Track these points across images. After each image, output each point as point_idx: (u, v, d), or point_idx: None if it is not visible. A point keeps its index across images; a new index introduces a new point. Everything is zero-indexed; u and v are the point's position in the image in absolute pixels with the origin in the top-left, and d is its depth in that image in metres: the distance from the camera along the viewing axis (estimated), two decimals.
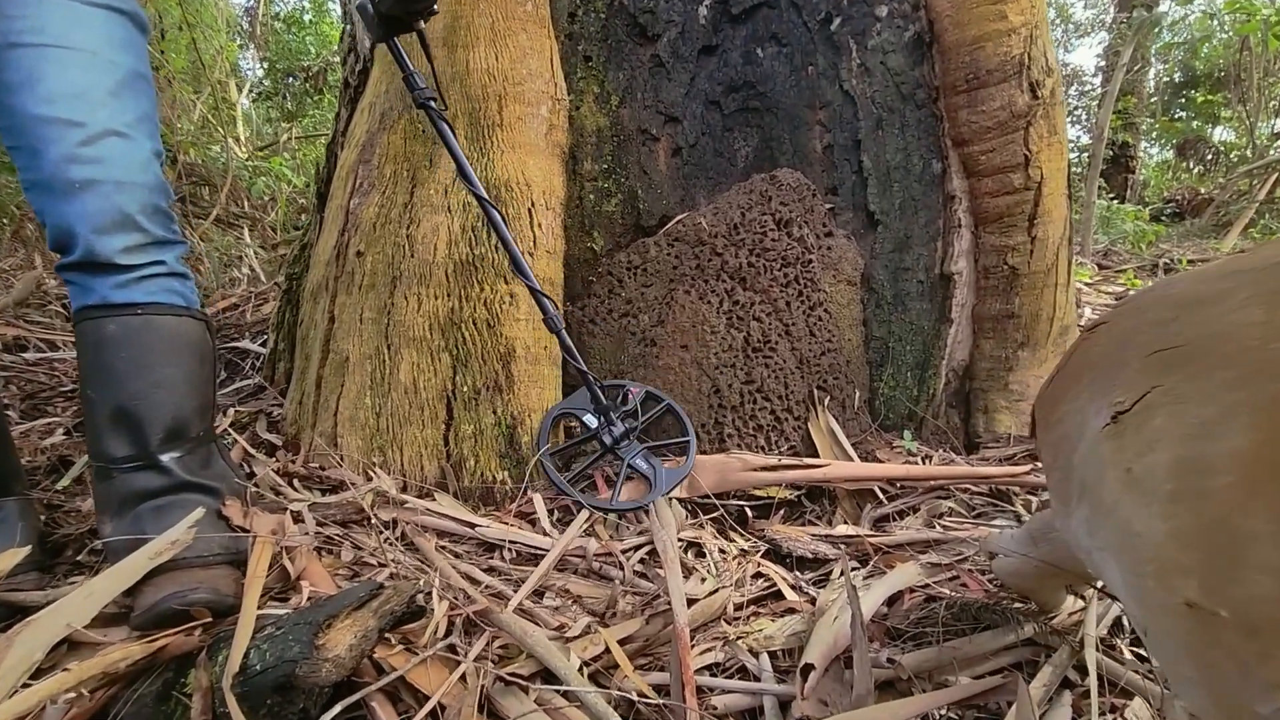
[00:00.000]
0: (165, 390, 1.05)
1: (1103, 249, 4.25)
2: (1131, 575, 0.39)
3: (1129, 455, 0.40)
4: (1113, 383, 0.45)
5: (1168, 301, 0.45)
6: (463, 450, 1.41)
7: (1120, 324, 0.49)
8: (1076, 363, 0.53)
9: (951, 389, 1.80)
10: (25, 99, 0.94)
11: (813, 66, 1.75)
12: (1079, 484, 0.47)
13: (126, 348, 1.01)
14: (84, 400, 1.02)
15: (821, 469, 1.46)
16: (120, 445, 1.02)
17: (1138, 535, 0.38)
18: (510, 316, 1.46)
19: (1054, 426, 0.53)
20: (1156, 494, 0.37)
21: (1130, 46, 4.46)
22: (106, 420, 1.01)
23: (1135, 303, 0.49)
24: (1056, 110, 1.64)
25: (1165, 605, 0.35)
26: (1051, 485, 0.55)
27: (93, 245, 0.97)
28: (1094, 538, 0.45)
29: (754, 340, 1.59)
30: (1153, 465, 0.38)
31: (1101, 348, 0.50)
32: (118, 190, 0.99)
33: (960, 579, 1.23)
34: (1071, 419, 0.50)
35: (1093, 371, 0.49)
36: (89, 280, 0.99)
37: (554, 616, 1.11)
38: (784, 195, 1.68)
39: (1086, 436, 0.47)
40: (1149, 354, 0.42)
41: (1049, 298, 1.71)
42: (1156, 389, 0.40)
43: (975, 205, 1.72)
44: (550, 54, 1.58)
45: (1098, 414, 0.45)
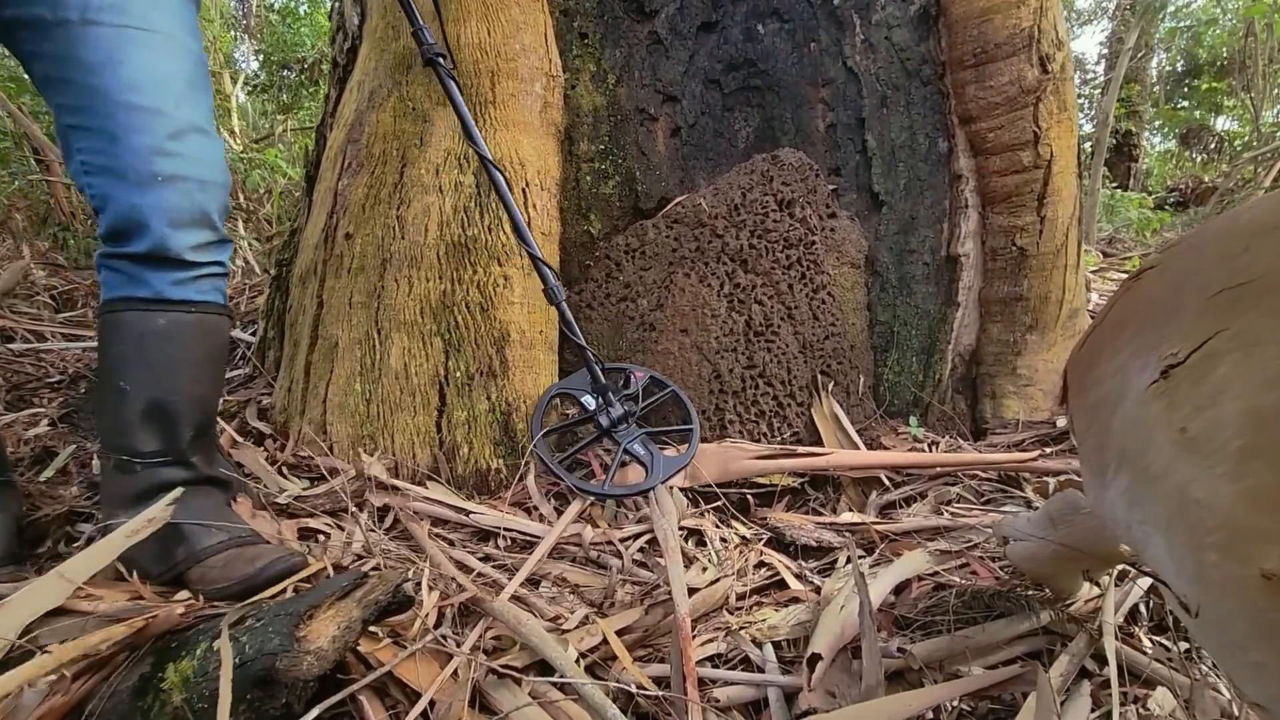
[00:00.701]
0: (201, 387, 1.05)
1: (1107, 236, 4.20)
2: (1187, 549, 0.35)
3: (1184, 413, 0.36)
4: (1162, 334, 0.41)
5: (1236, 232, 0.40)
6: (455, 437, 1.37)
7: (1174, 265, 0.44)
8: (1118, 315, 0.48)
9: (958, 374, 1.75)
10: (108, 81, 0.90)
11: (815, 43, 1.70)
12: (1118, 452, 0.43)
13: (173, 344, 1.00)
14: (112, 392, 0.98)
15: (824, 457, 1.42)
16: (151, 440, 1.00)
17: (1196, 502, 0.34)
18: (504, 299, 1.42)
19: (1089, 389, 0.49)
20: (1222, 453, 0.33)
21: (1135, 31, 4.40)
22: (139, 414, 0.99)
23: (1192, 240, 0.45)
24: (1067, 85, 1.59)
25: (1234, 579, 0.31)
26: (1084, 455, 0.50)
27: (166, 240, 0.96)
28: (1135, 511, 0.41)
29: (756, 324, 1.55)
30: (1217, 421, 0.33)
31: (1149, 295, 0.45)
32: (201, 189, 0.98)
33: (970, 566, 1.19)
34: (1110, 379, 0.45)
35: (1138, 323, 0.45)
36: (146, 273, 0.97)
37: (550, 606, 1.07)
38: (786, 175, 1.63)
39: (1129, 397, 0.42)
40: (1211, 295, 0.38)
41: (1058, 279, 1.67)
42: (1221, 334, 0.36)
43: (983, 185, 1.67)
44: (545, 29, 1.53)
45: (1142, 371, 0.41)
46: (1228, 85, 6.50)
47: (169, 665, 0.81)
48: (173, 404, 1.01)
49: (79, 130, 0.93)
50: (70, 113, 0.93)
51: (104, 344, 0.99)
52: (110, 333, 0.99)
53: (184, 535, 1.01)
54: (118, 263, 0.97)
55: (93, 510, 1.31)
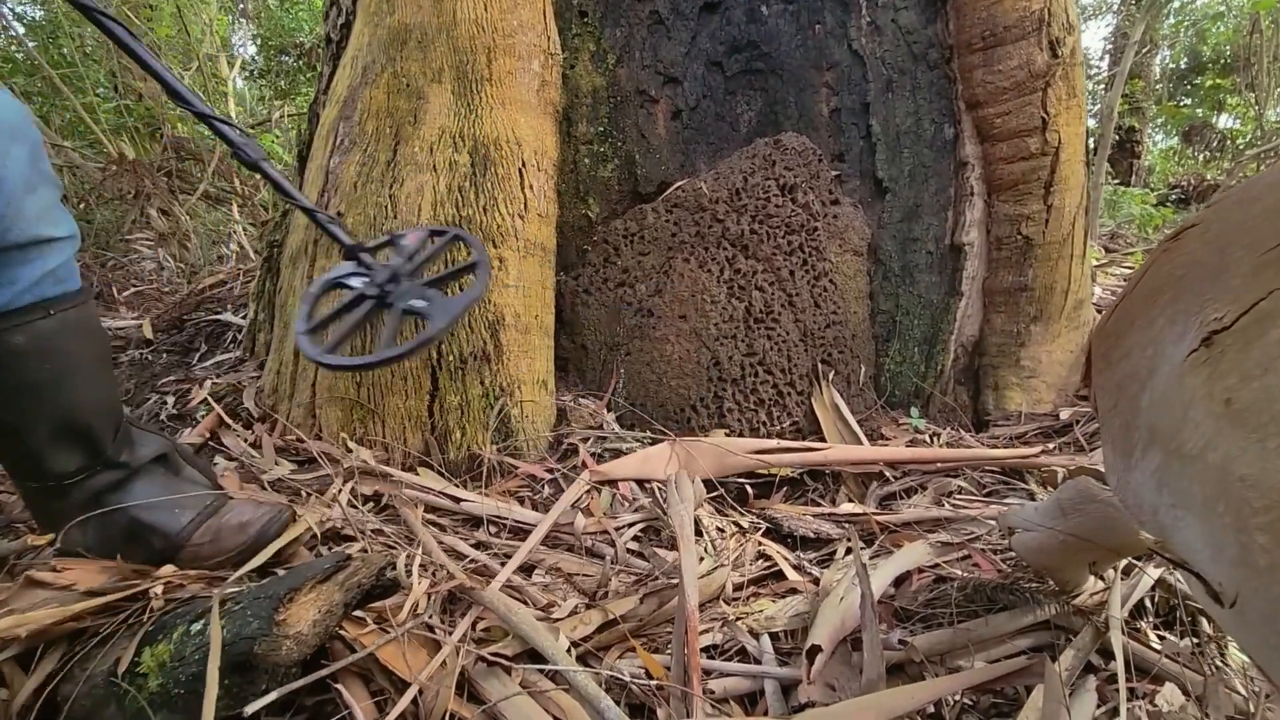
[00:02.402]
0: (101, 389, 0.93)
1: (1109, 232, 4.17)
2: (1230, 530, 0.32)
3: (1230, 383, 0.33)
4: (1204, 296, 0.38)
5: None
6: (448, 422, 1.34)
7: (1218, 222, 0.41)
8: (1151, 282, 0.45)
9: (960, 365, 1.72)
10: None
11: (820, 25, 1.67)
12: (1147, 430, 0.40)
13: (46, 358, 0.85)
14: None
15: (822, 452, 1.39)
16: (72, 459, 0.90)
17: (1242, 480, 0.31)
18: (499, 282, 1.39)
19: (1116, 364, 0.46)
20: (1276, 425, 0.30)
21: (1140, 26, 4.36)
22: (46, 440, 0.87)
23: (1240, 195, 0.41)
24: (1076, 71, 1.56)
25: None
26: (1108, 436, 0.47)
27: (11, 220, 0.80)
28: (1165, 492, 0.38)
29: (756, 311, 1.52)
30: (1271, 390, 0.30)
31: (1189, 257, 0.42)
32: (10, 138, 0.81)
33: (972, 559, 1.16)
34: (1140, 352, 0.42)
35: (1175, 288, 0.41)
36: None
37: (543, 594, 1.05)
38: (788, 160, 1.60)
39: (1160, 371, 0.39)
40: (1265, 251, 0.35)
41: (1064, 269, 1.64)
42: (1276, 293, 0.32)
43: (989, 172, 1.64)
44: (543, 6, 1.50)
45: (1180, 340, 0.38)
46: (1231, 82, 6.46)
47: (145, 649, 0.78)
48: (74, 416, 0.89)
49: None
50: None
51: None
52: None
53: (152, 527, 0.96)
54: None
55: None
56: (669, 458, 1.34)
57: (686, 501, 1.17)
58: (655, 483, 1.35)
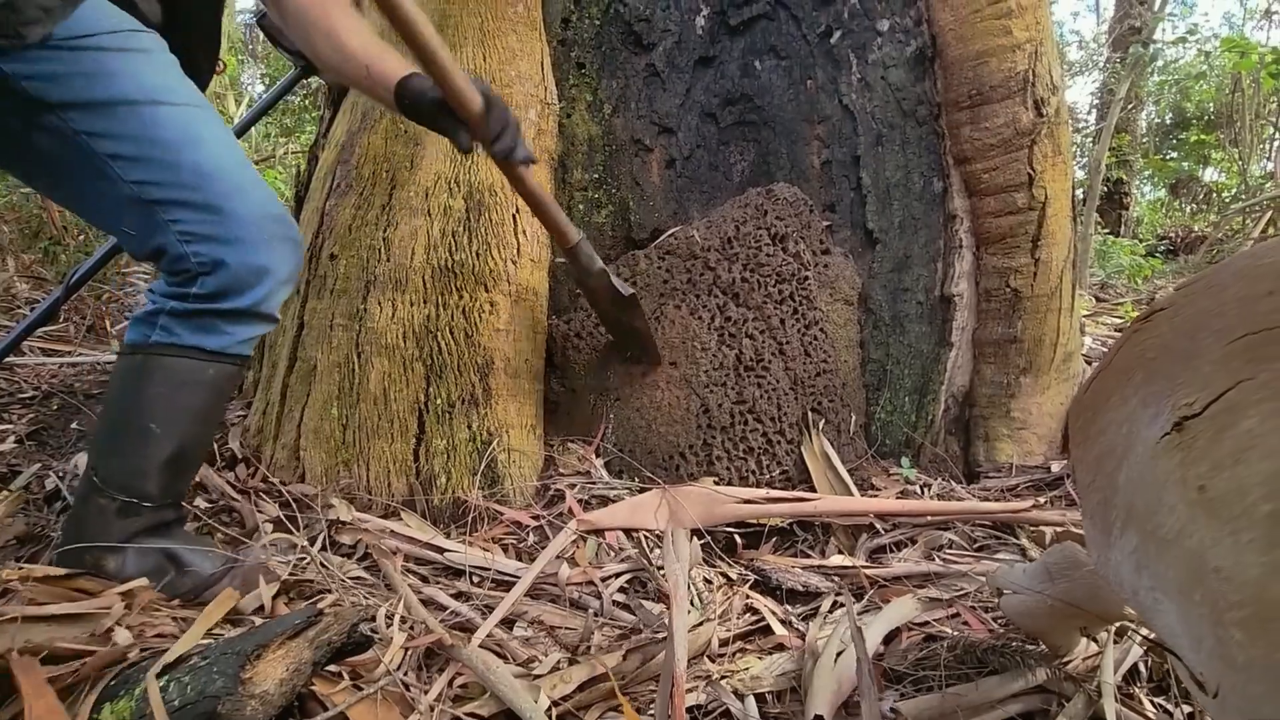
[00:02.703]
0: (211, 436, 1.14)
1: (1099, 282, 4.23)
2: (1206, 622, 0.31)
3: (1202, 470, 0.33)
4: (1175, 380, 0.38)
5: (1260, 273, 0.37)
6: (433, 466, 1.33)
7: (1188, 307, 0.41)
8: (1124, 360, 0.45)
9: (951, 415, 1.72)
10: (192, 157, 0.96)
11: (812, 80, 1.71)
12: (1124, 509, 0.39)
13: (210, 394, 1.03)
14: (135, 431, 0.99)
15: (812, 503, 1.38)
16: (166, 486, 1.02)
17: (1216, 571, 0.30)
18: (490, 326, 1.39)
19: (1093, 439, 0.46)
20: (1248, 518, 0.29)
21: (1126, 83, 4.49)
22: (162, 460, 1.00)
23: (1209, 280, 0.42)
24: (1061, 129, 1.60)
25: (1264, 663, 0.27)
26: (1087, 510, 0.47)
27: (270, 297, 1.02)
28: (1143, 575, 0.38)
29: (746, 358, 1.52)
30: (1242, 481, 0.30)
31: (1161, 338, 0.42)
32: (297, 247, 1.06)
33: (962, 617, 1.14)
34: (1116, 430, 0.42)
35: (1147, 369, 0.41)
36: (229, 326, 1.00)
37: (524, 649, 1.02)
38: (780, 210, 1.62)
39: (1136, 451, 0.39)
40: (1232, 340, 0.35)
41: (1052, 322, 1.65)
42: (1245, 383, 0.32)
43: (977, 225, 1.67)
44: (541, 57, 1.53)
45: (1153, 421, 0.38)
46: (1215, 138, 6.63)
47: (105, 705, 0.76)
48: (192, 452, 1.05)
49: (173, 205, 0.96)
50: (157, 188, 0.96)
51: (135, 382, 0.99)
52: (148, 374, 0.99)
53: (185, 566, 1.03)
54: (201, 316, 0.99)
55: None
56: (658, 507, 1.33)
57: (682, 560, 1.15)
58: (643, 532, 1.33)
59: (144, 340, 1.00)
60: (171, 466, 1.01)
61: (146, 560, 1.01)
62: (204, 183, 0.96)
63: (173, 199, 0.96)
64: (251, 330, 1.04)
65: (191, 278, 0.98)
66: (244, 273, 0.98)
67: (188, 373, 1.00)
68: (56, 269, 3.41)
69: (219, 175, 0.97)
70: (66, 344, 2.56)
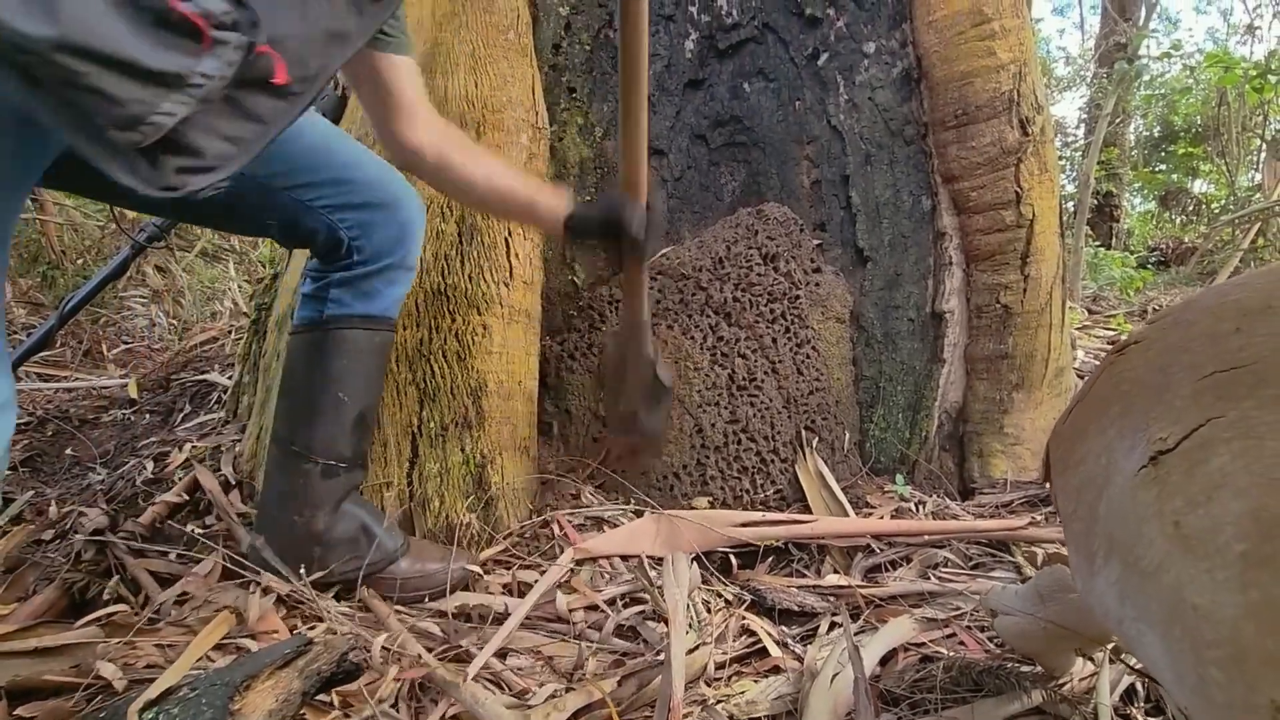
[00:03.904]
0: (379, 397, 1.24)
1: (1092, 294, 4.25)
2: (1188, 659, 0.31)
3: (1177, 505, 0.33)
4: (1149, 414, 0.38)
5: (1225, 310, 0.37)
6: (426, 490, 1.32)
7: (1159, 341, 0.42)
8: (1101, 391, 0.46)
9: (944, 431, 1.73)
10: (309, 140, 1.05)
11: (800, 102, 1.73)
12: (1105, 539, 0.40)
13: (379, 358, 1.17)
14: (330, 403, 1.10)
15: (810, 525, 1.38)
16: (355, 446, 1.14)
17: (1195, 608, 0.31)
18: (483, 349, 1.39)
19: (1073, 469, 0.46)
20: (1223, 557, 0.29)
21: (1112, 99, 4.55)
22: (351, 424, 1.12)
23: (1178, 315, 0.42)
24: (1047, 148, 1.62)
25: (1242, 703, 0.27)
26: (1070, 538, 0.47)
27: (412, 250, 1.15)
28: (1127, 605, 0.38)
29: (739, 378, 1.52)
30: (1215, 519, 0.30)
31: (1134, 371, 0.43)
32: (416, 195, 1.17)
33: (958, 637, 1.14)
34: (1095, 459, 0.43)
35: (1123, 401, 0.42)
36: (382, 288, 1.12)
37: (518, 678, 1.01)
38: (770, 230, 1.63)
39: (1115, 481, 0.39)
40: (1202, 377, 0.35)
41: (1043, 338, 1.66)
42: (1215, 421, 0.33)
43: (966, 242, 1.68)
44: (532, 82, 1.55)
45: (1130, 453, 0.38)
46: (1203, 150, 6.70)
47: None
48: (371, 413, 1.18)
49: (302, 188, 1.05)
50: (284, 176, 1.04)
51: (323, 357, 1.11)
52: (334, 347, 1.11)
53: (375, 536, 1.15)
54: (365, 280, 1.11)
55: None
56: (655, 533, 1.32)
57: (682, 585, 1.14)
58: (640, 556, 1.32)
59: (319, 316, 1.11)
60: (358, 428, 1.14)
61: (351, 524, 1.13)
62: (321, 161, 1.06)
63: (301, 183, 1.05)
64: (402, 288, 1.16)
65: (348, 249, 1.09)
66: (391, 229, 1.10)
67: (363, 341, 1.12)
68: (54, 293, 3.41)
69: (331, 151, 1.08)
70: (63, 369, 2.56)
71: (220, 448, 1.61)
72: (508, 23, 1.52)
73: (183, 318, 3.45)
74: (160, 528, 1.32)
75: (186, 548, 1.22)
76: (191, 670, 0.85)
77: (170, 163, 0.64)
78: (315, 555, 1.09)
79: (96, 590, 1.10)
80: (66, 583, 1.10)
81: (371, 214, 1.09)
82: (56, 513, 1.46)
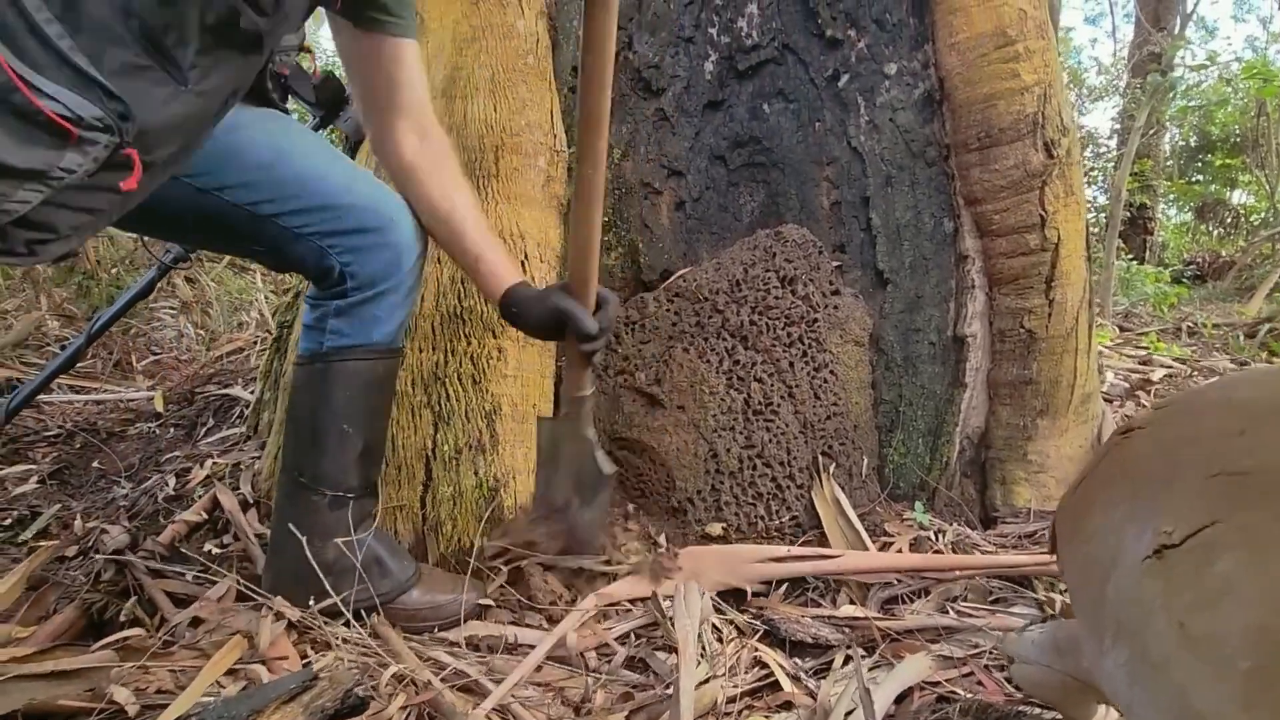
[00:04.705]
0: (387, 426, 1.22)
1: (1124, 311, 4.15)
2: None
3: (1184, 603, 0.31)
4: (1157, 502, 0.36)
5: (1233, 408, 0.36)
6: (440, 513, 1.33)
7: (1167, 430, 0.40)
8: (1109, 468, 0.44)
9: (966, 457, 1.69)
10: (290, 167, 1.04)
11: (820, 123, 1.72)
12: (1114, 622, 0.38)
13: (384, 389, 1.15)
14: (333, 434, 1.09)
15: (836, 560, 1.35)
16: (363, 477, 1.14)
17: (1200, 715, 0.29)
18: (498, 372, 1.40)
19: (1081, 544, 0.44)
20: (1228, 668, 0.28)
21: (1145, 111, 4.45)
22: (357, 455, 1.11)
23: (1187, 405, 0.41)
24: (1073, 170, 1.58)
25: None
26: (1079, 610, 0.45)
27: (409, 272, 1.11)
28: (1136, 689, 0.36)
29: (755, 402, 1.51)
30: (1222, 628, 0.29)
31: (1141, 456, 0.41)
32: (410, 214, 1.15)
33: (975, 676, 1.11)
34: (1103, 537, 0.41)
35: (1132, 483, 0.40)
36: (382, 315, 1.10)
37: (528, 710, 1.00)
38: (789, 252, 1.62)
39: (1123, 563, 0.38)
40: (1209, 476, 0.34)
41: (1069, 364, 1.62)
42: (1219, 524, 0.32)
43: (989, 266, 1.65)
44: (550, 106, 1.56)
45: (1138, 539, 0.37)
46: (1241, 161, 6.53)
47: None
48: (379, 442, 1.17)
49: (291, 215, 1.03)
50: (270, 204, 1.02)
51: (325, 390, 1.09)
52: (336, 380, 1.09)
53: (387, 566, 1.15)
54: (362, 306, 1.09)
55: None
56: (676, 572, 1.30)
57: (694, 617, 1.13)
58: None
59: (319, 348, 1.10)
60: (365, 458, 1.13)
61: (364, 553, 1.12)
62: (310, 187, 1.03)
63: (289, 209, 1.03)
64: (404, 311, 1.14)
65: (340, 276, 1.07)
66: (385, 253, 1.07)
67: (365, 373, 1.10)
68: (89, 303, 3.51)
69: (321, 177, 1.05)
70: (93, 380, 2.62)
71: (240, 465, 1.64)
72: (527, 47, 1.53)
73: (210, 328, 3.52)
74: (179, 547, 1.34)
75: (204, 568, 1.23)
76: (202, 699, 0.86)
77: (20, 235, 0.64)
78: (326, 585, 1.08)
79: (115, 610, 1.11)
80: (86, 603, 1.11)
81: (363, 239, 1.06)
82: (81, 528, 1.49)
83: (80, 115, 0.59)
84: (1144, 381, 2.39)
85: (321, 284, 1.10)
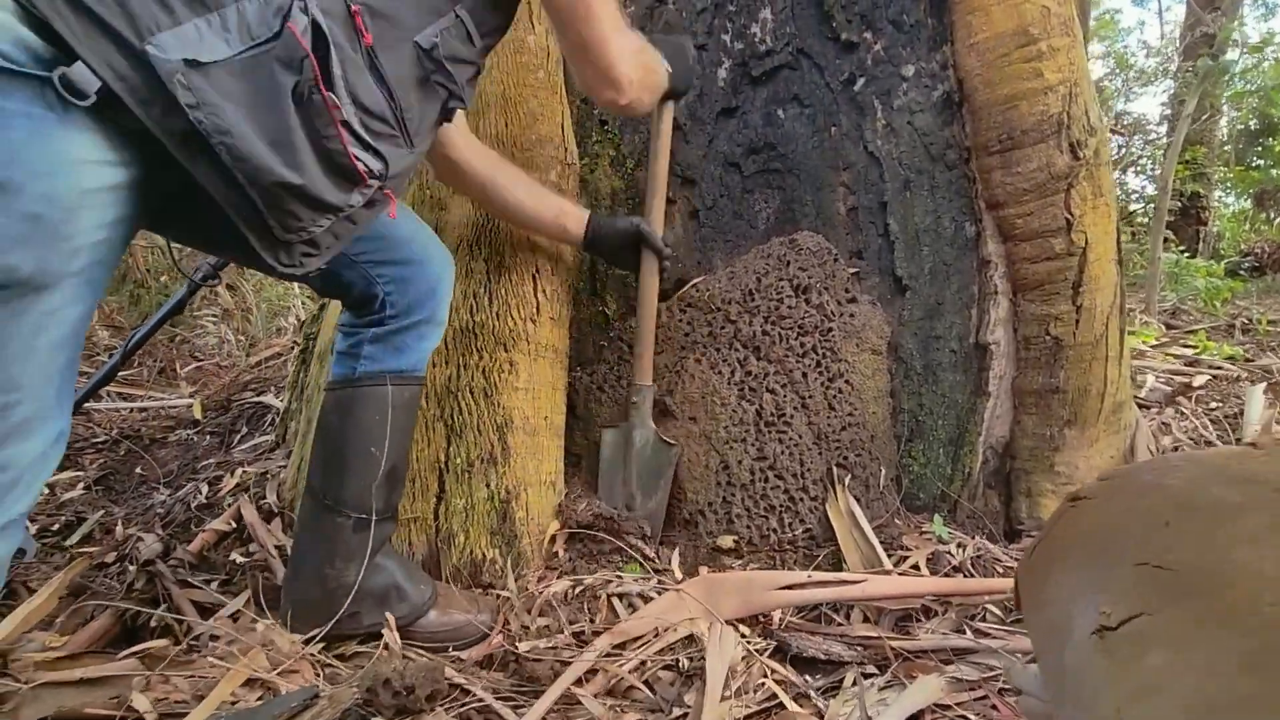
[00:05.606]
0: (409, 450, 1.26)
1: (1171, 307, 3.97)
2: None
3: (1124, 693, 0.30)
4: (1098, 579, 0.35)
5: (1163, 496, 0.35)
6: (452, 525, 1.35)
7: (1111, 506, 0.39)
8: (1062, 535, 0.43)
9: (990, 468, 1.65)
10: None
11: (836, 127, 1.69)
12: (1071, 691, 0.37)
13: (410, 414, 1.20)
14: (359, 456, 1.14)
15: (860, 586, 1.32)
16: (386, 500, 1.17)
17: None
18: (509, 385, 1.41)
19: (1042, 607, 0.43)
20: None
21: (1195, 96, 4.25)
22: (383, 478, 1.15)
23: (1127, 482, 0.40)
24: (1101, 171, 1.52)
25: None
26: (1044, 670, 0.44)
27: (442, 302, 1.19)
28: None
29: (767, 414, 1.49)
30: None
31: (1089, 527, 0.40)
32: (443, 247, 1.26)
33: (989, 700, 1.08)
34: (1059, 606, 0.40)
35: (1081, 552, 0.39)
36: (413, 342, 1.17)
37: None
38: (803, 260, 1.60)
39: (1074, 636, 0.37)
40: (1138, 563, 0.33)
41: (1098, 371, 1.56)
42: (1146, 616, 0.30)
43: (1013, 271, 1.60)
44: (561, 120, 1.57)
45: (1085, 612, 0.36)
46: None
47: None
48: (402, 466, 1.21)
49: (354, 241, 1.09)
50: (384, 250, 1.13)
51: (356, 413, 1.14)
52: (366, 403, 1.15)
53: (405, 592, 1.18)
54: (398, 335, 1.15)
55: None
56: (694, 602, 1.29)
57: (725, 659, 1.12)
58: None
59: (352, 374, 1.16)
60: (389, 481, 1.17)
61: (381, 578, 1.16)
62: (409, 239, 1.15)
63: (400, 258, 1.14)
64: (431, 342, 1.20)
65: (381, 304, 1.14)
66: (423, 285, 1.16)
67: (394, 397, 1.15)
68: (139, 311, 3.66)
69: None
70: (139, 388, 2.74)
71: (267, 474, 1.70)
72: (538, 62, 1.54)
73: (250, 334, 3.64)
74: (208, 555, 1.40)
75: (228, 577, 1.28)
76: (218, 710, 0.89)
77: (299, 250, 0.86)
78: (345, 607, 1.11)
79: (146, 618, 1.16)
80: (119, 611, 1.16)
81: (406, 269, 1.14)
82: (121, 534, 1.56)
83: (372, 167, 0.85)
84: (1185, 386, 2.28)
85: (360, 310, 1.16)
